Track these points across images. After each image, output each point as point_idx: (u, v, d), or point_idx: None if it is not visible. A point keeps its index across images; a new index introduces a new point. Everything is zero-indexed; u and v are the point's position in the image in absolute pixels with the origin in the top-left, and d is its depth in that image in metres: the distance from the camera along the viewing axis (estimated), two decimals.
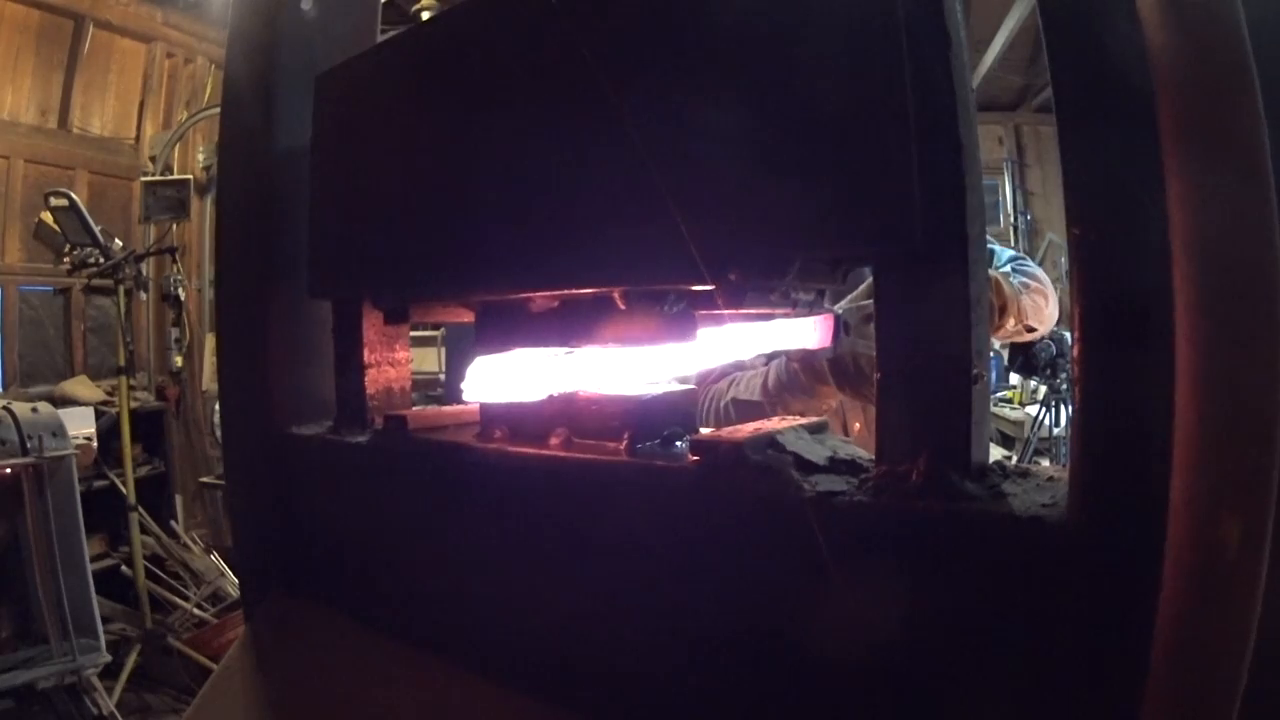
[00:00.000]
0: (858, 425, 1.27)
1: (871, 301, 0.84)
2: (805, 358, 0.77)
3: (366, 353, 0.85)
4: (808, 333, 0.70)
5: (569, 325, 0.68)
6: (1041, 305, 1.24)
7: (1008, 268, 1.29)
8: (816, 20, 0.50)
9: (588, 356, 0.69)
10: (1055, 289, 1.32)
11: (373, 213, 0.81)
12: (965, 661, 0.45)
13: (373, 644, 0.80)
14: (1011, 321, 1.19)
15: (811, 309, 0.69)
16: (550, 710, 0.64)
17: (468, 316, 0.81)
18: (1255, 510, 0.34)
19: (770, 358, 1.12)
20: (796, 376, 1.04)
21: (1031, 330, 1.26)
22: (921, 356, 0.49)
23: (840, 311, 0.74)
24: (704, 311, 0.63)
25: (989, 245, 1.37)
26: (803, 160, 0.50)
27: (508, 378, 0.70)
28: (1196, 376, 0.35)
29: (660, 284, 0.58)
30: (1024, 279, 1.25)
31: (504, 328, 0.74)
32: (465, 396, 0.73)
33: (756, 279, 0.55)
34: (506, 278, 0.67)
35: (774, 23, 0.51)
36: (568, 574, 0.64)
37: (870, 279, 0.87)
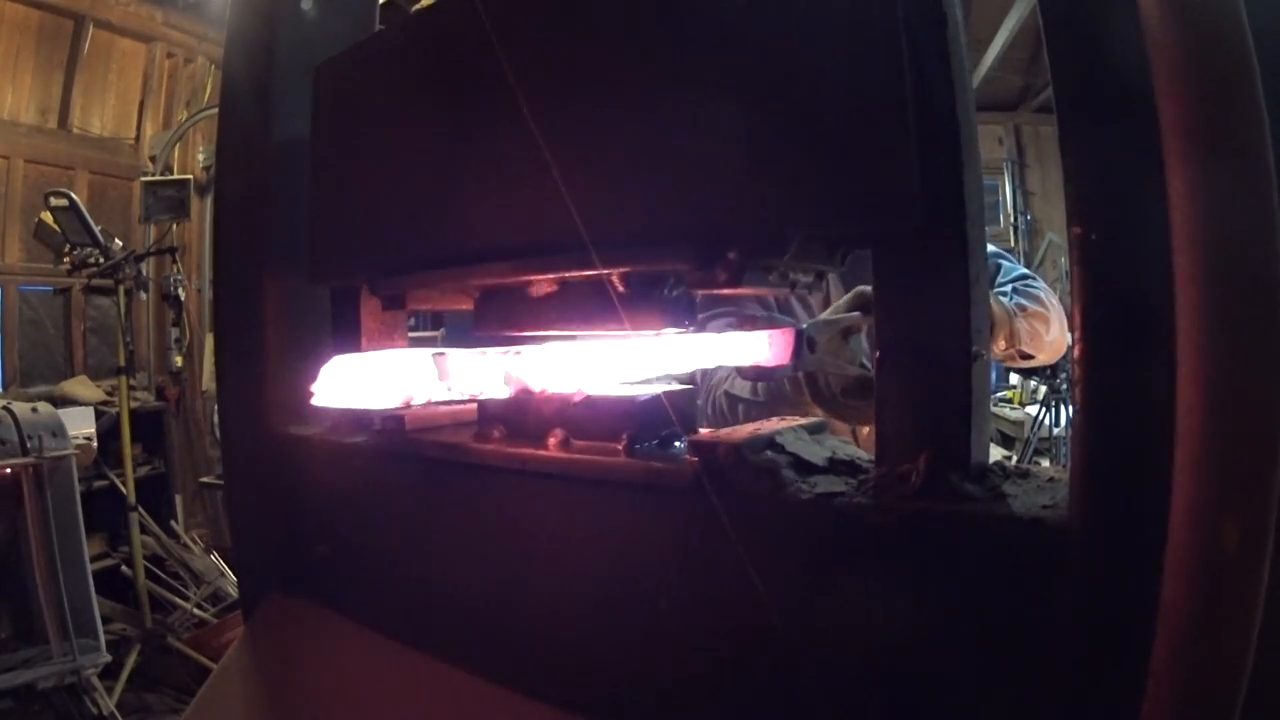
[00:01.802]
0: (865, 430, 1.25)
1: (848, 316, 0.82)
2: (760, 375, 0.71)
3: (365, 341, 0.85)
4: (760, 347, 0.67)
5: (568, 310, 0.68)
6: (1040, 332, 1.19)
7: (1008, 287, 1.24)
8: None
9: (458, 356, 0.62)
10: (1055, 289, 1.29)
11: (370, 199, 0.81)
12: (964, 663, 0.45)
13: (372, 644, 0.80)
14: (1002, 344, 1.14)
15: (811, 290, 0.68)
16: (548, 710, 0.64)
17: (466, 303, 0.81)
18: (1256, 512, 0.34)
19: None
20: (783, 386, 1.00)
21: (1028, 357, 1.20)
22: (920, 335, 0.49)
23: (806, 326, 0.69)
24: (704, 292, 0.62)
25: (1000, 260, 1.30)
26: (800, 137, 0.50)
27: (367, 380, 0.59)
28: (1197, 377, 0.35)
29: (659, 264, 0.58)
30: (1022, 300, 1.20)
31: (503, 314, 0.74)
32: (315, 401, 0.61)
33: (755, 258, 0.55)
34: (504, 261, 0.67)
35: (771, 2, 0.51)
36: (566, 575, 0.64)
37: (851, 293, 0.83)
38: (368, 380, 0.58)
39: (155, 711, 2.82)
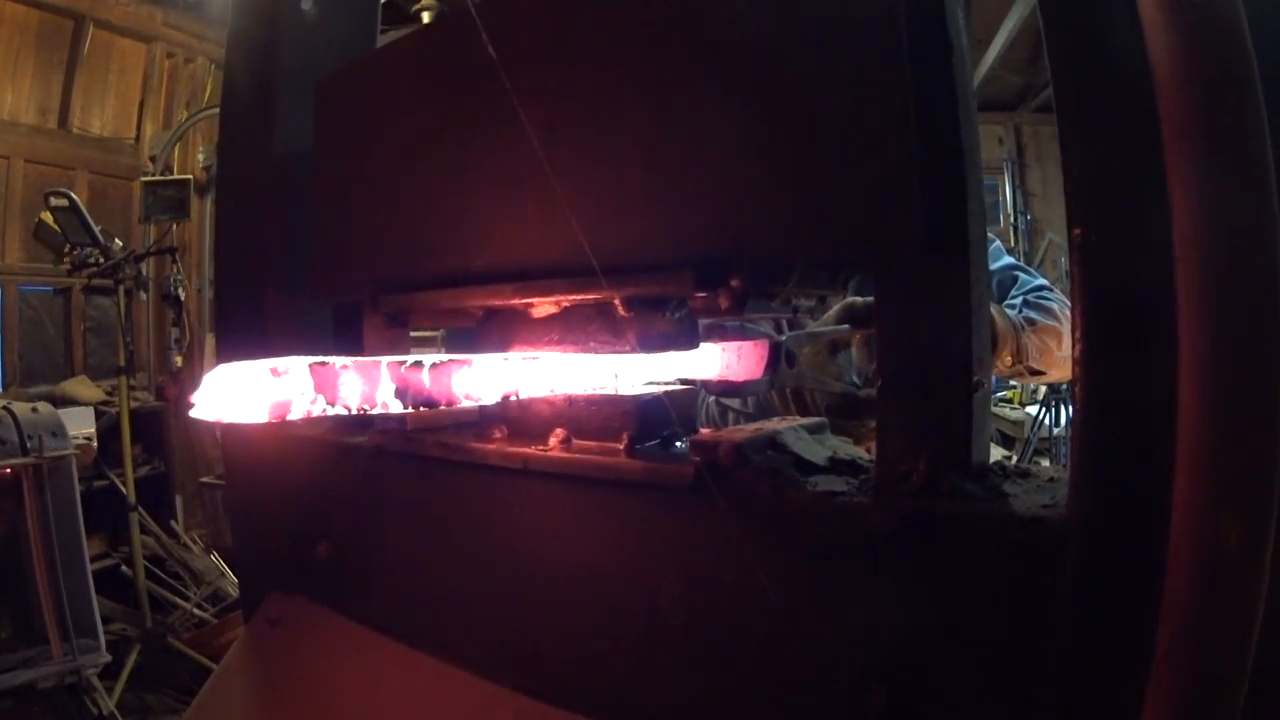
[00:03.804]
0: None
1: (836, 329, 0.78)
2: (727, 390, 0.65)
3: (367, 354, 0.85)
4: (729, 362, 0.64)
5: (570, 331, 0.68)
6: (1051, 348, 1.13)
7: (1019, 299, 1.20)
8: (817, 25, 0.50)
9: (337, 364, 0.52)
10: (1056, 288, 1.25)
11: (373, 216, 0.81)
12: (965, 661, 0.45)
13: (372, 644, 0.80)
14: (1008, 360, 1.09)
15: (813, 315, 0.67)
16: (548, 709, 0.64)
17: (468, 322, 0.81)
18: (1256, 510, 0.34)
19: None
20: (771, 398, 0.95)
21: (1038, 373, 1.15)
22: (922, 361, 0.49)
23: (787, 338, 0.66)
24: (706, 320, 0.62)
25: (1016, 272, 1.26)
26: (804, 166, 0.50)
27: (241, 391, 0.50)
28: (1197, 376, 0.35)
29: (662, 289, 0.58)
30: (1031, 314, 1.15)
31: (505, 334, 0.74)
32: (193, 413, 0.52)
33: (758, 285, 0.55)
34: (507, 282, 0.67)
35: (775, 29, 0.51)
36: (567, 574, 0.64)
37: (840, 305, 0.80)
38: (242, 392, 0.50)
39: (155, 711, 2.82)
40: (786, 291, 0.58)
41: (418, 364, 0.51)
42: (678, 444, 0.63)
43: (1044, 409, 4.61)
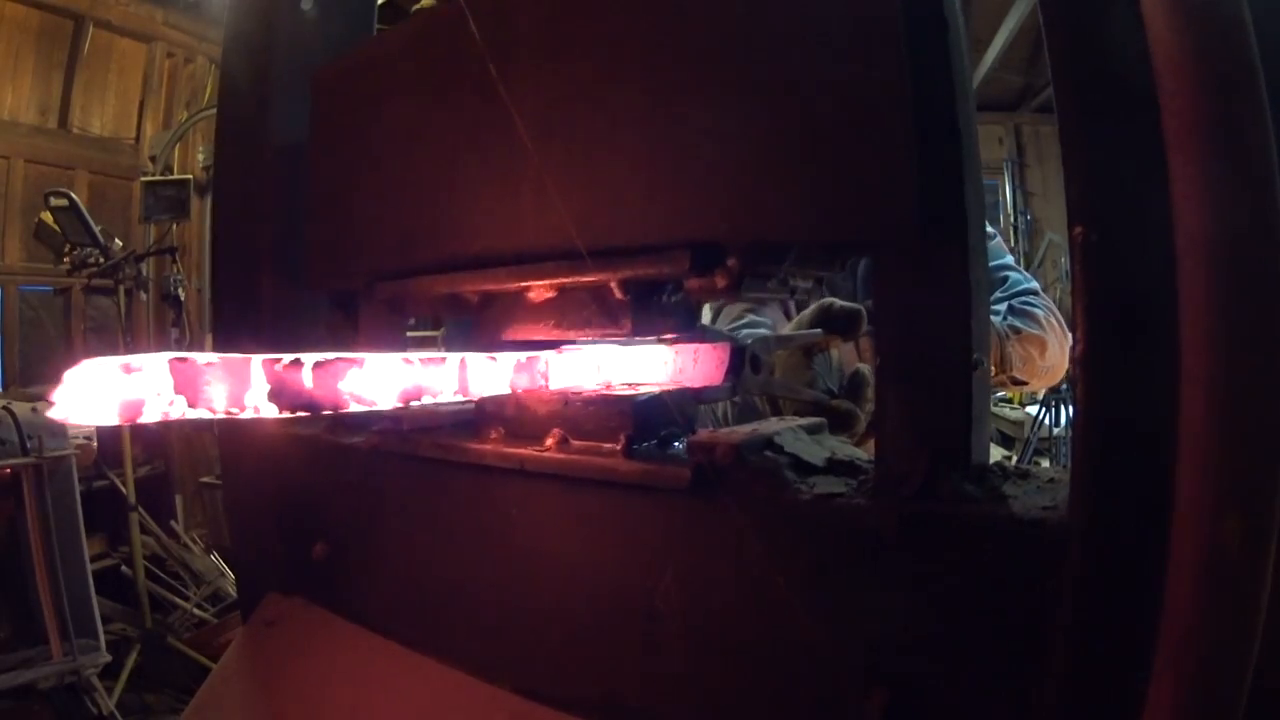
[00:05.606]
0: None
1: (809, 332, 0.75)
2: (696, 396, 0.61)
3: (363, 344, 0.85)
4: (684, 365, 0.60)
5: (567, 315, 0.68)
6: (1034, 356, 1.09)
7: (1003, 306, 1.15)
8: (815, 4, 0.49)
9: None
10: (1055, 290, 1.23)
11: (368, 204, 0.81)
12: (964, 664, 0.45)
13: (369, 644, 0.80)
14: (990, 369, 1.07)
15: (810, 297, 0.66)
16: (545, 710, 0.64)
17: (465, 309, 0.80)
18: (1259, 512, 0.33)
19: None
20: (753, 402, 0.91)
21: (1020, 383, 1.11)
22: (921, 343, 0.49)
23: (753, 341, 0.62)
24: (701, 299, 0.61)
25: (1008, 272, 1.23)
26: (800, 144, 0.50)
27: (93, 390, 0.43)
28: (1199, 377, 0.34)
29: (658, 270, 0.58)
30: (1015, 322, 1.11)
31: (502, 319, 0.74)
32: (51, 413, 0.45)
33: (754, 265, 0.55)
34: (503, 268, 0.67)
35: (771, 9, 0.51)
36: (564, 576, 0.64)
37: (814, 306, 0.78)
38: (95, 390, 0.44)
39: (155, 711, 2.82)
40: (784, 271, 0.58)
41: (296, 362, 0.47)
42: (675, 444, 0.62)
43: (1044, 409, 4.61)
